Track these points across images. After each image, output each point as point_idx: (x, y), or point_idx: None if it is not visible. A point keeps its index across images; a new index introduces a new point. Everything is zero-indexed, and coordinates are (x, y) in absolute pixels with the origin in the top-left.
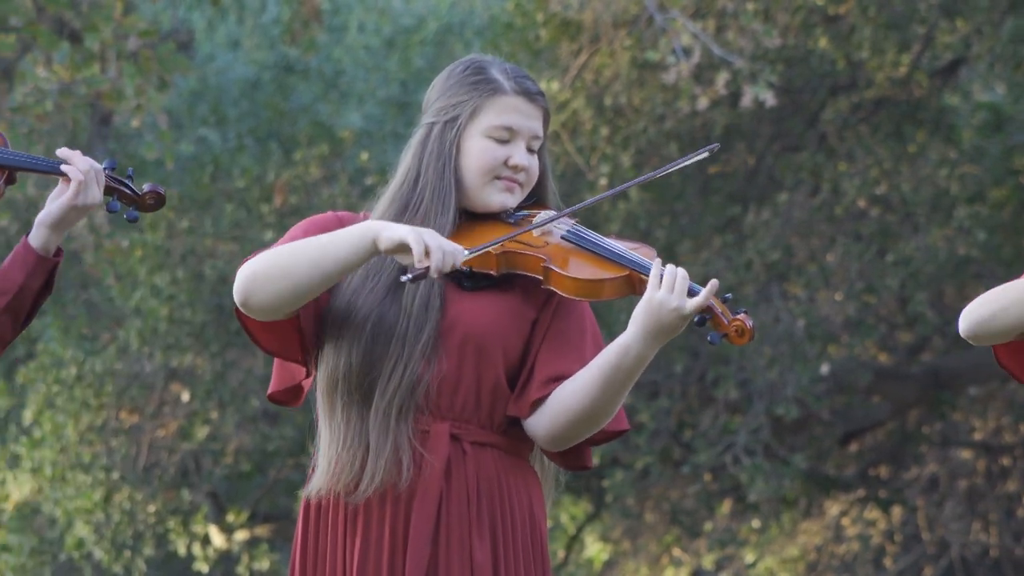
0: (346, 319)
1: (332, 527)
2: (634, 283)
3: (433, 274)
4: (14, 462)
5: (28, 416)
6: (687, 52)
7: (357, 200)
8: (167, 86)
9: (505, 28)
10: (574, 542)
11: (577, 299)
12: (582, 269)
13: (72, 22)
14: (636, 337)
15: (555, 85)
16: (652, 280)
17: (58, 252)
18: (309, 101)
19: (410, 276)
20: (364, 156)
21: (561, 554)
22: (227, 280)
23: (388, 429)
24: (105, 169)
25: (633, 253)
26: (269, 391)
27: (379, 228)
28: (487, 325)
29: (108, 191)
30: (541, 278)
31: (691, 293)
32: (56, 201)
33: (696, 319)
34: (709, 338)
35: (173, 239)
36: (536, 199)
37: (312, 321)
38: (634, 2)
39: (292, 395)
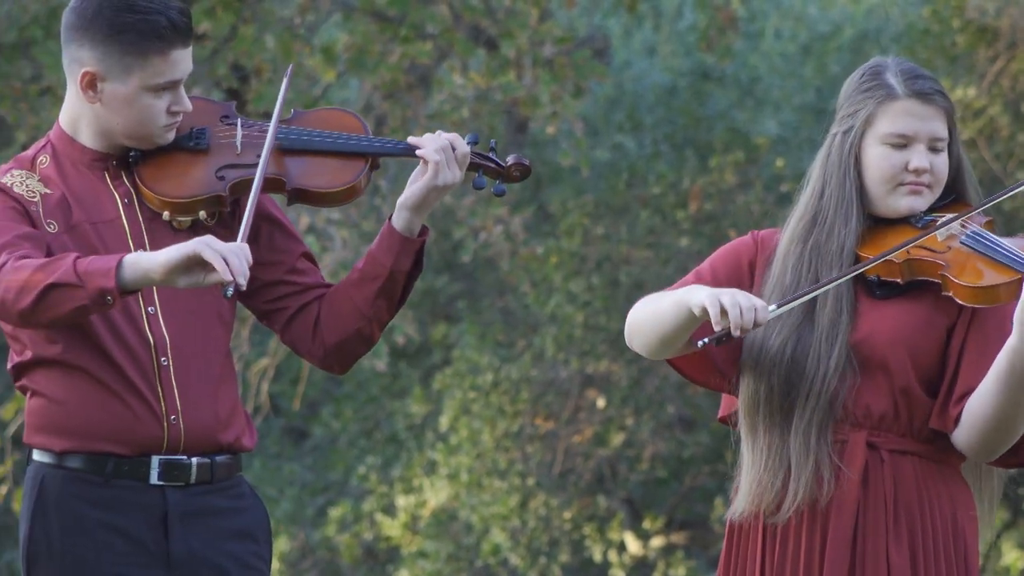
0: (765, 343)
1: (752, 546)
2: None
3: (735, 332)
4: (431, 468)
5: (444, 422)
6: None
7: (772, 207)
8: (583, 93)
9: (922, 34)
10: (991, 550)
11: (975, 306)
12: (977, 275)
13: (488, 29)
14: (1020, 339)
15: (971, 91)
16: None
17: (423, 231)
18: (725, 108)
19: (706, 340)
20: (780, 163)
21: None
22: (643, 286)
23: (809, 447)
24: (469, 144)
25: None
26: (719, 415)
27: (690, 296)
28: (894, 333)
29: (474, 167)
30: (941, 284)
31: None
32: (416, 184)
33: None
34: None
35: (588, 246)
36: (954, 197)
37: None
38: None
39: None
